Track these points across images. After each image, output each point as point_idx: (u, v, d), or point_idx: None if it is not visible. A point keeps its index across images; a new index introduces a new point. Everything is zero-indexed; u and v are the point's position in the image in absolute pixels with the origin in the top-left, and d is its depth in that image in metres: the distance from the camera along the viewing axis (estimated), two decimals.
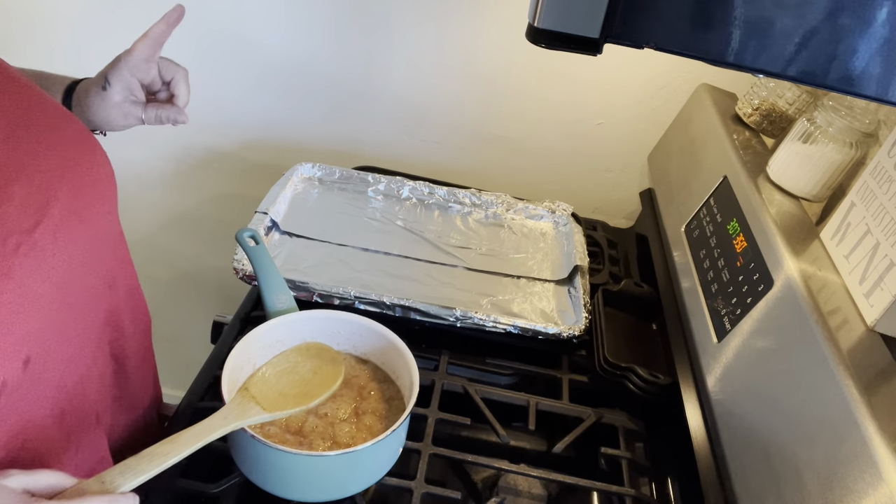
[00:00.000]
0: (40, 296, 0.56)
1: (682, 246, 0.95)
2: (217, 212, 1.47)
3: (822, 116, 0.84)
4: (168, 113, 0.78)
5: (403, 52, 1.23)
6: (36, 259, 0.55)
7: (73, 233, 0.60)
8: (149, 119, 0.78)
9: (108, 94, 0.75)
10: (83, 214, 0.61)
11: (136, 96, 0.77)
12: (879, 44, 0.40)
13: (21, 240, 0.54)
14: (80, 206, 0.61)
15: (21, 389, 0.55)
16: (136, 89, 0.77)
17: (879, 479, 0.50)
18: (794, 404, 0.62)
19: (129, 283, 0.74)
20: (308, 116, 1.32)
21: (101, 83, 0.75)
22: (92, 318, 0.65)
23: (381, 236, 1.08)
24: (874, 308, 0.65)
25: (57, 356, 0.59)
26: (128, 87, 0.76)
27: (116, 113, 0.76)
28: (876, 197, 0.71)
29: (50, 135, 0.60)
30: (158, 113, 0.78)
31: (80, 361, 0.63)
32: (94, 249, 0.64)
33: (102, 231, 0.66)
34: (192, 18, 1.23)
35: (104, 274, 0.67)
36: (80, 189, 0.61)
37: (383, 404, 0.76)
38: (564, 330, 0.93)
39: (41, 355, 0.57)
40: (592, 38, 0.43)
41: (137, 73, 0.76)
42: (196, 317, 1.55)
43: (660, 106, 1.22)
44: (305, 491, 0.68)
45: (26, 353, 0.55)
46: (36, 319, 0.55)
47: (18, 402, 0.55)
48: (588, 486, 0.79)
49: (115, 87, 0.75)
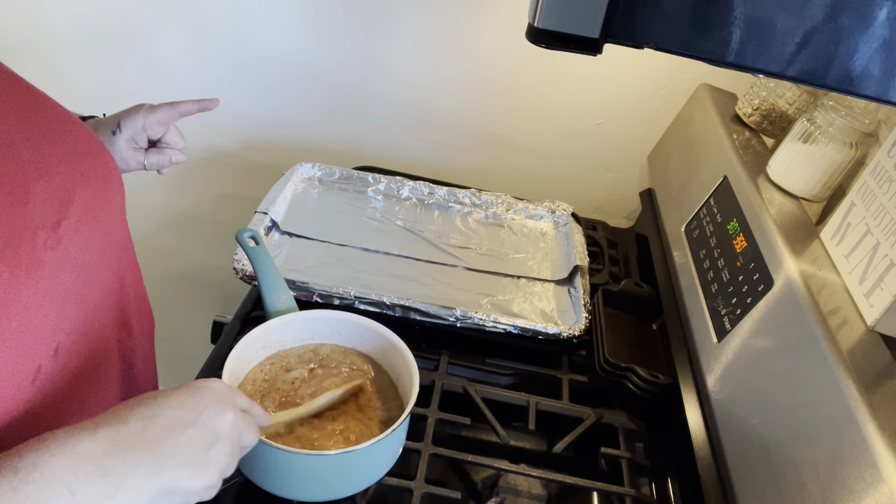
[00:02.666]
0: (66, 288, 0.58)
1: (682, 246, 0.95)
2: (217, 212, 1.47)
3: (822, 116, 0.84)
4: (168, 157, 0.84)
5: (403, 52, 1.23)
6: (61, 253, 0.57)
7: (90, 232, 0.62)
8: (150, 165, 0.84)
9: (115, 139, 0.80)
10: (98, 215, 0.63)
11: (138, 144, 0.82)
12: (879, 44, 0.40)
13: (48, 235, 0.56)
14: (96, 206, 0.63)
15: (52, 376, 0.57)
16: (140, 139, 0.82)
17: (879, 479, 0.50)
18: (794, 404, 0.62)
19: (137, 285, 0.76)
20: (308, 116, 1.32)
21: (113, 128, 0.80)
22: (106, 316, 0.67)
23: (381, 236, 1.08)
24: (874, 308, 0.65)
25: (79, 348, 0.61)
26: (134, 136, 0.81)
27: (118, 158, 0.81)
28: (876, 197, 0.71)
29: (65, 140, 0.62)
30: (160, 159, 0.84)
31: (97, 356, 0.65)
32: (108, 249, 0.66)
33: (114, 232, 0.68)
34: (193, 18, 1.24)
35: (116, 274, 0.69)
36: (94, 191, 0.63)
37: (383, 404, 0.76)
38: (564, 330, 0.93)
39: (67, 346, 0.58)
40: (592, 38, 0.43)
41: (149, 129, 0.82)
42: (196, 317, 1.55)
43: (660, 106, 1.22)
44: (305, 491, 0.68)
45: (56, 342, 0.56)
46: (63, 310, 0.57)
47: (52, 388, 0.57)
48: (588, 486, 0.79)
49: (125, 135, 0.80)
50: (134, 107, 0.82)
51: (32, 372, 0.53)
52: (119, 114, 0.82)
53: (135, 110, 0.81)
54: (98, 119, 0.82)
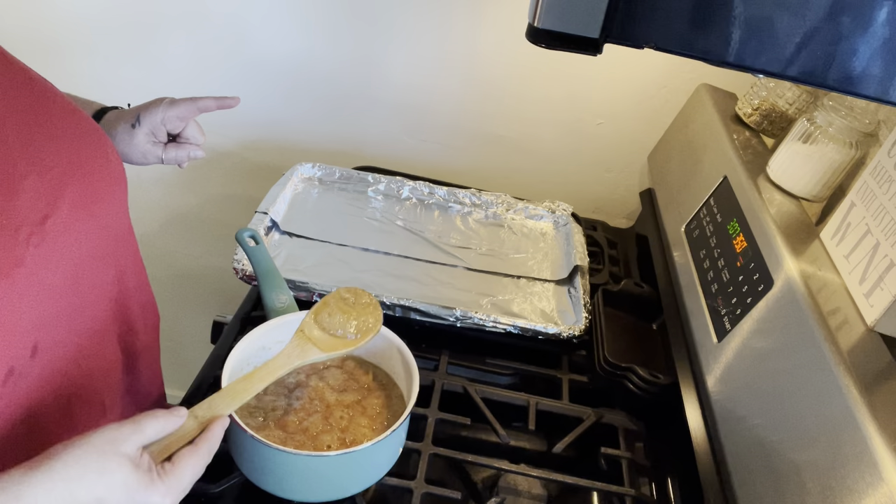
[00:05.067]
0: (50, 285, 0.57)
1: (682, 246, 0.95)
2: (217, 212, 1.47)
3: (822, 116, 0.84)
4: (186, 152, 0.84)
5: (404, 52, 1.23)
6: (46, 250, 0.56)
7: (82, 226, 0.61)
8: (168, 160, 0.83)
9: (135, 132, 0.80)
10: (92, 209, 0.63)
11: (157, 138, 0.82)
12: (879, 44, 0.40)
13: (32, 231, 0.55)
14: (90, 200, 0.62)
15: (29, 377, 0.56)
16: (160, 133, 0.82)
17: (879, 479, 0.50)
18: (795, 404, 0.62)
19: (139, 279, 0.76)
20: (308, 116, 1.32)
21: (132, 121, 0.80)
22: (101, 311, 0.67)
23: (381, 236, 1.08)
24: (874, 308, 0.65)
25: (65, 346, 0.60)
26: (153, 130, 0.81)
27: (137, 151, 0.81)
28: (876, 197, 0.71)
29: (62, 132, 0.61)
30: (178, 154, 0.83)
31: (89, 352, 0.64)
32: (104, 243, 0.65)
33: (112, 226, 0.67)
34: (193, 18, 1.24)
35: (114, 268, 0.68)
36: (89, 184, 0.62)
37: (383, 404, 0.76)
38: (564, 330, 0.93)
39: (49, 344, 0.58)
40: (592, 38, 0.43)
41: (168, 123, 0.81)
42: (196, 317, 1.55)
43: (660, 106, 1.22)
44: (305, 491, 0.68)
45: (35, 341, 0.56)
46: (45, 308, 0.57)
47: (26, 389, 0.56)
48: (588, 486, 0.79)
49: (144, 129, 0.80)
50: (154, 101, 0.81)
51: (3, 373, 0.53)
52: (139, 107, 0.81)
53: (154, 104, 0.80)
54: (120, 110, 0.82)
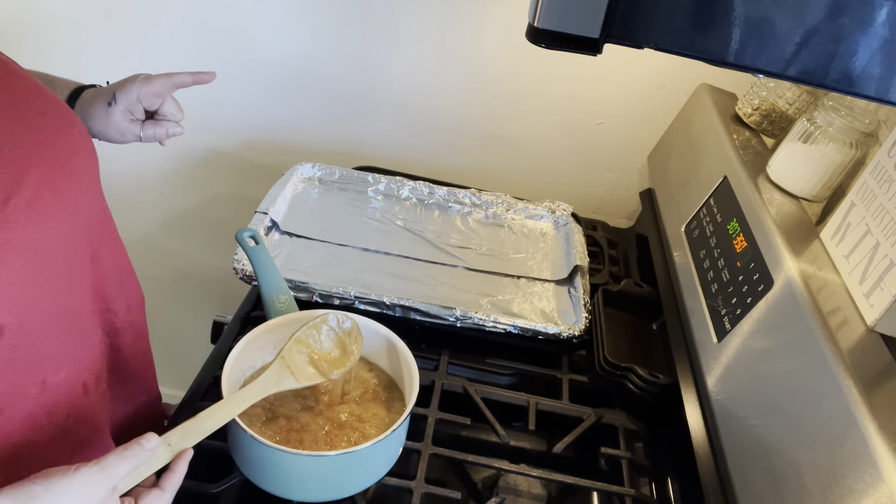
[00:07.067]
0: (13, 267, 0.56)
1: (682, 246, 0.95)
2: (217, 212, 1.47)
3: (822, 116, 0.84)
4: (165, 129, 0.83)
5: (404, 53, 1.23)
6: (7, 231, 0.56)
7: (48, 207, 0.60)
8: (147, 137, 0.83)
9: (111, 110, 0.80)
10: (58, 188, 0.61)
11: (134, 115, 0.82)
12: (879, 44, 0.40)
13: None
14: (55, 180, 0.61)
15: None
16: (136, 111, 0.82)
17: (879, 479, 0.50)
18: (795, 404, 0.62)
19: (117, 259, 0.75)
20: (308, 116, 1.32)
21: (108, 99, 0.80)
22: (75, 291, 0.66)
23: (381, 236, 1.08)
24: (874, 308, 0.65)
25: (33, 325, 0.60)
26: (130, 108, 0.81)
27: (114, 130, 0.81)
28: (876, 197, 0.71)
29: (26, 112, 0.60)
30: (156, 131, 0.83)
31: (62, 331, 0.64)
32: (73, 223, 0.64)
33: (81, 205, 0.66)
34: (193, 18, 1.24)
35: (86, 248, 0.67)
36: (55, 164, 0.61)
37: (383, 404, 0.76)
38: (564, 330, 0.93)
39: (16, 324, 0.57)
40: (592, 38, 0.43)
41: (144, 100, 0.81)
42: (196, 317, 1.55)
43: (660, 106, 1.22)
44: (305, 491, 0.68)
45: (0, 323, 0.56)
46: (9, 289, 0.56)
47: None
48: (588, 486, 0.79)
49: (120, 106, 0.80)
50: (129, 77, 0.81)
51: None
52: (114, 84, 0.81)
53: (130, 81, 0.80)
54: (97, 89, 0.81)
